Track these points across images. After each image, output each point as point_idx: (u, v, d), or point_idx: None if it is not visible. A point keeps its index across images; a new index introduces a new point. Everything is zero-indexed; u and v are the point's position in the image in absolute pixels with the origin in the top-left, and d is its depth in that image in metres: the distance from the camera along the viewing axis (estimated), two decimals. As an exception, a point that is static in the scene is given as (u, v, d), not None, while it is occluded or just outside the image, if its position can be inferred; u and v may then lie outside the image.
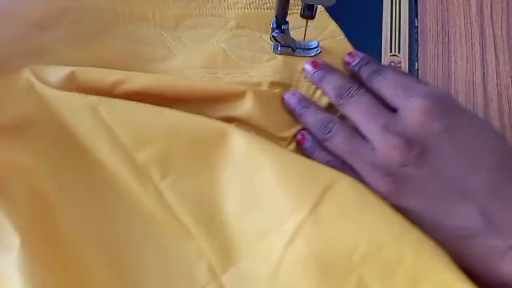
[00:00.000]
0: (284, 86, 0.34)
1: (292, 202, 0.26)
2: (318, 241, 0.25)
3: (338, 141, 0.29)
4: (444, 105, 0.27)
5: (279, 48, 0.34)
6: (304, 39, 0.34)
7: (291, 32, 0.33)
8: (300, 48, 0.34)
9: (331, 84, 0.32)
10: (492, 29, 0.38)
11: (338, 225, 0.26)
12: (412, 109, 0.27)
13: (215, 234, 0.27)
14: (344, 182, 0.27)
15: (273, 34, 0.32)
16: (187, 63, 0.34)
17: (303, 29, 0.33)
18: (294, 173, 0.27)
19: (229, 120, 0.31)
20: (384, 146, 0.27)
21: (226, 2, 0.36)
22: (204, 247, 0.27)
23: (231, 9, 0.36)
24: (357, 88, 0.30)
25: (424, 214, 0.26)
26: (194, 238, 0.27)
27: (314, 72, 0.33)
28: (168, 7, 0.36)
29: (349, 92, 0.30)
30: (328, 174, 0.27)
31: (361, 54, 0.33)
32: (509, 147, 0.27)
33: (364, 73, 0.31)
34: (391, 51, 0.37)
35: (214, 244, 0.27)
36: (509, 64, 0.37)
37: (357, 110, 0.30)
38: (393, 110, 0.29)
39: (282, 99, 0.33)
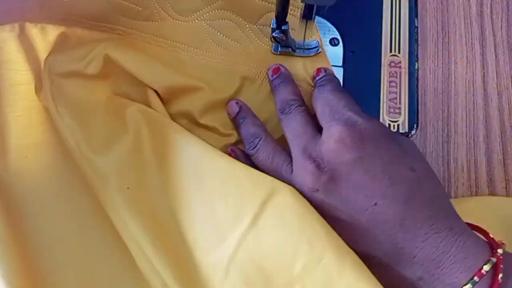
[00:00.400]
0: (250, 80, 0.33)
1: (233, 215, 0.26)
2: (260, 254, 0.25)
3: (261, 158, 0.29)
4: (360, 134, 0.26)
5: (279, 49, 0.34)
6: (304, 40, 0.34)
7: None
8: (300, 48, 0.34)
9: (280, 96, 0.32)
10: (492, 29, 0.38)
11: (278, 236, 0.25)
12: (329, 135, 0.27)
13: (166, 252, 0.27)
14: (284, 192, 0.26)
15: (273, 34, 0.32)
16: (165, 33, 0.34)
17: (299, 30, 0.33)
18: (234, 186, 0.27)
19: (183, 115, 0.32)
20: (299, 168, 0.27)
21: None
22: (157, 265, 0.26)
23: None
24: (298, 106, 0.30)
25: None
26: (148, 257, 0.26)
27: (272, 79, 0.33)
28: None
29: (290, 109, 0.30)
30: (268, 184, 0.27)
31: (328, 71, 0.32)
32: (425, 180, 0.26)
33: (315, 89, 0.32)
34: (391, 51, 0.37)
35: (167, 261, 0.26)
36: (509, 64, 0.38)
37: (289, 127, 0.29)
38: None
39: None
